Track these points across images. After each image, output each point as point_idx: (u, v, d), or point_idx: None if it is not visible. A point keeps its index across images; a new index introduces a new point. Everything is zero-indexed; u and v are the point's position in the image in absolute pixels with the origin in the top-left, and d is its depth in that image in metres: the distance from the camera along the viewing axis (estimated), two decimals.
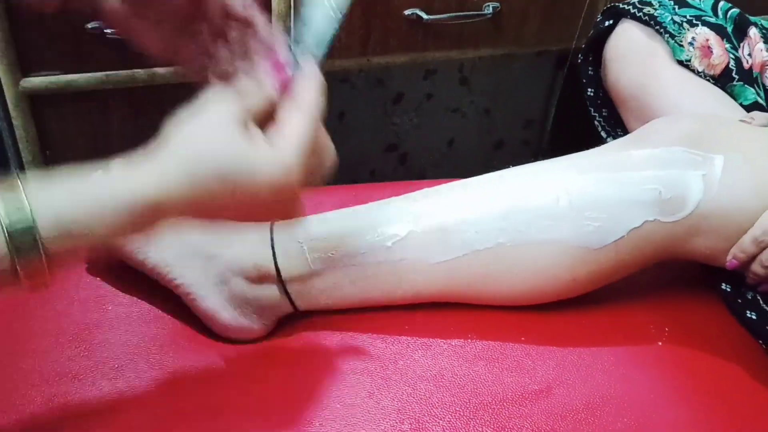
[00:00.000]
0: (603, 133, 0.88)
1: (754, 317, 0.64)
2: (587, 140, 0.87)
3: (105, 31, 0.92)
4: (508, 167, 0.66)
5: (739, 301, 0.66)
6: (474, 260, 0.61)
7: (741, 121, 0.67)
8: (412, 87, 1.49)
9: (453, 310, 0.66)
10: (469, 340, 0.64)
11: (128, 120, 1.01)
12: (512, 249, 0.61)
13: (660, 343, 0.65)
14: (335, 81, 1.41)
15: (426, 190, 0.66)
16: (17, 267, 0.40)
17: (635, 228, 0.60)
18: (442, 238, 0.61)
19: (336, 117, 1.46)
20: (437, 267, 0.62)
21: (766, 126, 0.66)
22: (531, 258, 0.61)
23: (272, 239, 0.63)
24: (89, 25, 0.92)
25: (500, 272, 0.62)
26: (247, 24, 0.49)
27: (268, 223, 0.65)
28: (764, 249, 0.60)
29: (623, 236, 0.60)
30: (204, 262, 0.63)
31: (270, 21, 0.99)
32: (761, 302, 0.64)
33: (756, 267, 0.61)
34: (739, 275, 0.64)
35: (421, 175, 1.62)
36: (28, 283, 0.41)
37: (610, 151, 0.64)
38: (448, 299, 0.65)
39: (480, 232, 0.61)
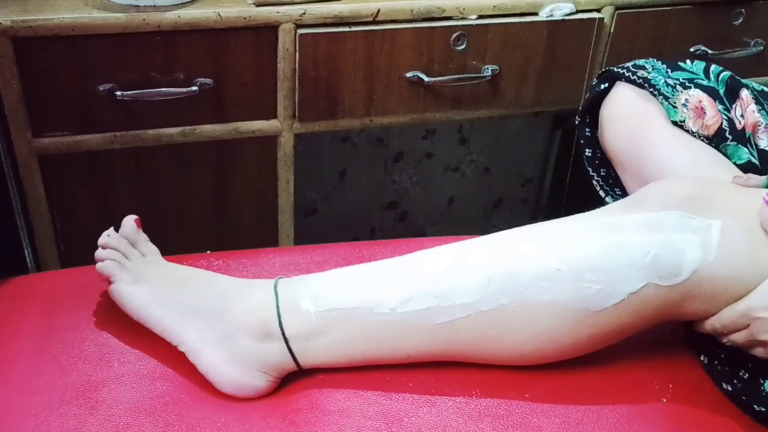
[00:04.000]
0: (601, 192, 0.89)
1: (729, 389, 0.65)
2: (586, 198, 0.88)
3: (115, 93, 0.95)
4: (507, 225, 0.67)
5: (715, 373, 0.67)
6: (476, 321, 0.62)
7: (736, 177, 0.68)
8: (412, 146, 1.52)
9: (457, 366, 0.66)
10: (474, 398, 0.64)
11: (132, 179, 1.03)
12: (514, 310, 0.61)
13: (664, 400, 0.65)
14: (337, 140, 1.43)
15: (429, 250, 0.67)
16: None
17: (634, 292, 0.61)
18: (443, 301, 0.62)
19: (337, 175, 1.48)
20: (439, 327, 0.62)
21: (759, 186, 0.67)
22: (534, 319, 0.62)
23: (276, 297, 0.64)
24: (100, 87, 0.95)
25: (503, 333, 0.63)
26: None
27: (272, 280, 0.66)
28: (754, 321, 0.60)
29: (623, 299, 0.61)
30: (209, 319, 0.63)
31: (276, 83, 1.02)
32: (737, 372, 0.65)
33: (739, 337, 0.61)
34: (714, 347, 0.65)
35: (420, 232, 1.63)
36: None
37: (608, 215, 0.65)
38: (451, 358, 0.66)
39: (482, 294, 0.61)
